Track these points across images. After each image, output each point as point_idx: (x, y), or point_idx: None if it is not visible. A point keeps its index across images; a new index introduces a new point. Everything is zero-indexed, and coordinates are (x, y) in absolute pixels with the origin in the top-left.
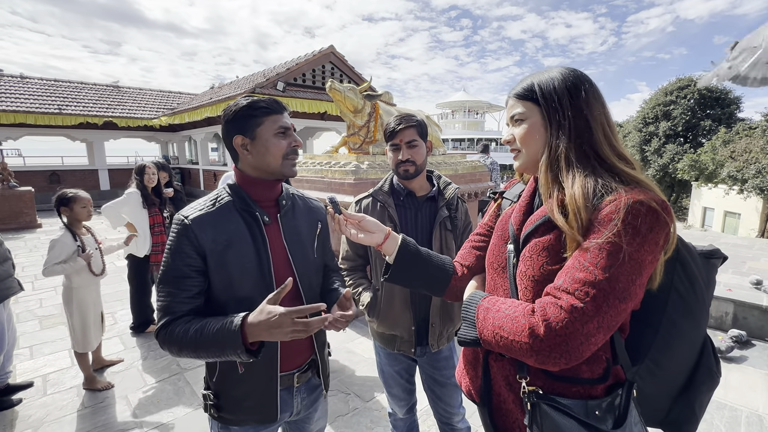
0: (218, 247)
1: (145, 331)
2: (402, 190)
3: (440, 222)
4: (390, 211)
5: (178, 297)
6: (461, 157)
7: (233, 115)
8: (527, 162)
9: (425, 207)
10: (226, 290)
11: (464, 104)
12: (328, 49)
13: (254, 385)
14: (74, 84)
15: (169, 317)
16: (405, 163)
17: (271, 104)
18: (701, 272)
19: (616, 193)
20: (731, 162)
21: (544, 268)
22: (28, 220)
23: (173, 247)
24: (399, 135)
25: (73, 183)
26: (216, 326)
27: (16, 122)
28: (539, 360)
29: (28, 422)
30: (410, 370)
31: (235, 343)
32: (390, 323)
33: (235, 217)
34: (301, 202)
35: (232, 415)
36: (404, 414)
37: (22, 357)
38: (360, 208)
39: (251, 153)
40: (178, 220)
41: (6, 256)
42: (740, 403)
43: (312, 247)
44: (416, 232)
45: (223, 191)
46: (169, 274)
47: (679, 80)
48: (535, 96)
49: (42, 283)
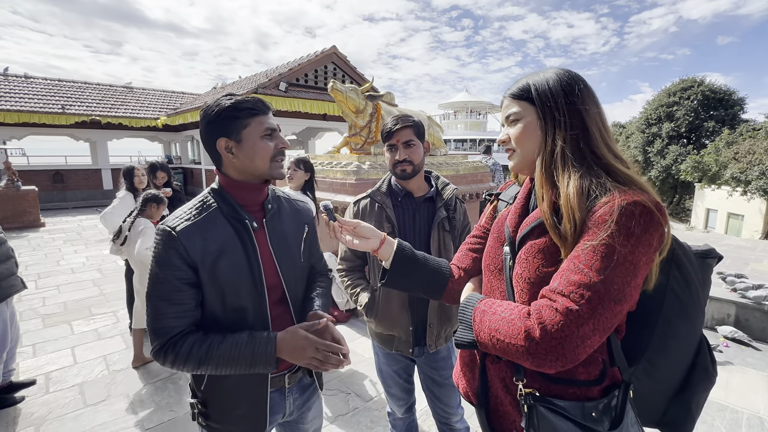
0: (209, 258)
1: None
2: (400, 191)
3: (438, 223)
4: (388, 212)
5: (170, 313)
6: (463, 158)
7: (215, 117)
8: (522, 162)
9: (423, 207)
10: (218, 301)
11: (467, 105)
12: (331, 49)
13: (244, 391)
14: (78, 84)
15: (165, 336)
16: (402, 163)
17: (257, 104)
18: (697, 272)
19: (610, 195)
20: (735, 163)
21: (540, 270)
22: (31, 219)
23: (160, 259)
24: (396, 135)
25: (76, 183)
26: (247, 344)
27: (20, 122)
28: (535, 363)
29: (30, 420)
30: (408, 370)
31: (268, 361)
32: (388, 323)
33: (223, 224)
34: (287, 204)
35: (220, 424)
36: (403, 413)
37: (25, 355)
38: (358, 209)
39: (237, 156)
40: (163, 231)
41: (9, 255)
42: (741, 405)
43: (299, 251)
44: (414, 233)
45: (208, 196)
46: (159, 289)
47: (682, 81)
48: (531, 95)
49: (45, 282)
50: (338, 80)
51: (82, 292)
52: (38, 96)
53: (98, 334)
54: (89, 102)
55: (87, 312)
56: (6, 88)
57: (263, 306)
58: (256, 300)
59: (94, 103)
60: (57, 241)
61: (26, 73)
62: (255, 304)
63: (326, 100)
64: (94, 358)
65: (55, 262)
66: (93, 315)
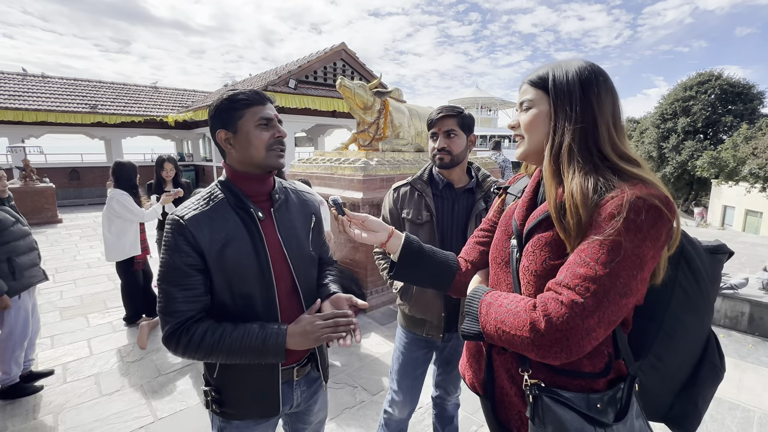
0: (216, 246)
1: (136, 322)
2: (441, 180)
3: (477, 214)
4: (427, 200)
5: (180, 297)
6: (471, 154)
7: (215, 110)
8: (528, 150)
9: (463, 198)
10: (226, 289)
11: (477, 101)
12: (340, 46)
13: (255, 380)
14: (93, 83)
15: (176, 320)
16: (441, 151)
17: (251, 96)
18: (706, 268)
19: (619, 189)
20: (753, 159)
21: (547, 263)
22: (49, 216)
23: (170, 246)
24: (438, 124)
25: (92, 180)
26: (258, 335)
27: (38, 120)
28: (540, 354)
29: (49, 408)
30: (426, 361)
31: (278, 351)
32: (421, 308)
33: (230, 214)
34: (294, 195)
35: (234, 410)
36: (400, 415)
37: (44, 346)
38: (398, 195)
39: (234, 147)
40: (173, 220)
41: (32, 246)
42: (753, 403)
43: (307, 240)
44: (452, 223)
45: (215, 188)
46: (170, 274)
47: (699, 75)
48: (547, 84)
49: (62, 276)
50: (347, 77)
51: (97, 286)
52: (55, 95)
53: (113, 326)
54: (104, 101)
55: (102, 305)
56: (25, 87)
57: (271, 294)
58: (264, 288)
59: (109, 101)
60: (73, 236)
61: (44, 72)
62: (263, 292)
63: (335, 97)
64: (109, 349)
65: (71, 257)
66: (108, 308)
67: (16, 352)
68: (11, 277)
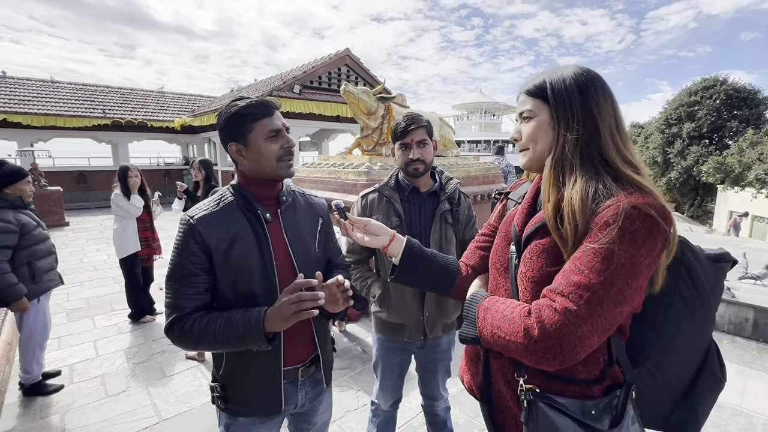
0: (222, 245)
1: (140, 320)
2: (407, 186)
3: (440, 215)
4: (396, 206)
5: (186, 294)
6: (474, 159)
7: (225, 123)
8: (533, 160)
9: (428, 201)
10: (230, 286)
11: (480, 106)
12: (344, 51)
13: (259, 378)
14: (100, 87)
15: (178, 313)
16: (416, 161)
17: (259, 108)
18: (708, 276)
19: (615, 198)
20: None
21: (544, 269)
22: (57, 219)
23: (180, 246)
24: (410, 134)
25: (98, 183)
26: (239, 320)
27: (47, 125)
28: (533, 360)
29: (56, 408)
30: (404, 365)
31: (257, 335)
32: (400, 313)
33: (238, 215)
34: (301, 198)
35: (238, 406)
36: (387, 407)
37: (51, 347)
38: (366, 202)
39: (246, 158)
40: (184, 220)
41: (51, 251)
42: (757, 410)
43: (314, 242)
44: (420, 226)
45: (227, 191)
46: (177, 272)
47: (704, 80)
48: (545, 94)
49: (69, 278)
50: (351, 82)
51: (103, 288)
52: (63, 99)
53: (119, 328)
54: (111, 105)
55: (108, 307)
56: (33, 92)
57: (274, 292)
58: (267, 287)
59: (116, 106)
60: (80, 239)
61: (52, 77)
62: (266, 291)
63: (339, 102)
64: (114, 351)
65: (78, 259)
66: (114, 310)
67: (37, 353)
68: (31, 280)
